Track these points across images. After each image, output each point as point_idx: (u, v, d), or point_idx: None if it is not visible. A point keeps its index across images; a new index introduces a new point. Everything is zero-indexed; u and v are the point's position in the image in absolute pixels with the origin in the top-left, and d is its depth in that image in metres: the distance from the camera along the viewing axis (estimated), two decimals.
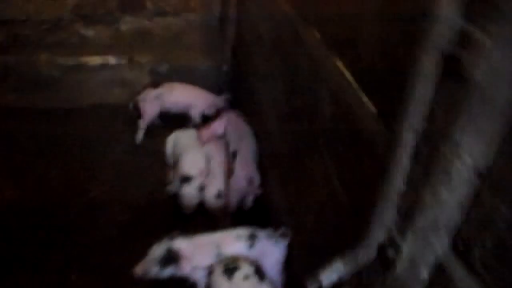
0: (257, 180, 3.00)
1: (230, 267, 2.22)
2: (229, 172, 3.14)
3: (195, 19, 3.95)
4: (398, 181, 1.21)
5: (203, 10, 3.94)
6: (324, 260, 2.04)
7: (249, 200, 3.04)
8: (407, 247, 1.21)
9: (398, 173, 1.20)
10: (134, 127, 3.86)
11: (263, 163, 3.09)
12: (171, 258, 2.29)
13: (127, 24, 3.81)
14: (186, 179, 3.08)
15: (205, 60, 4.07)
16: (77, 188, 3.31)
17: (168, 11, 3.89)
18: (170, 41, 3.97)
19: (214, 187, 3.07)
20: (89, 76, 3.83)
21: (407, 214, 1.20)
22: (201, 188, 3.09)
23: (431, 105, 1.06)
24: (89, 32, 3.74)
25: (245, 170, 3.00)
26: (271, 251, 2.42)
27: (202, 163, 3.20)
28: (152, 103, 3.73)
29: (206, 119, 3.78)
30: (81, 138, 3.72)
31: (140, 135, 3.80)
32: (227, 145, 3.34)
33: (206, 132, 3.46)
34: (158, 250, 2.32)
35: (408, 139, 1.14)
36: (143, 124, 3.80)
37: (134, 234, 3.00)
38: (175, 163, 3.28)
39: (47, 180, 3.34)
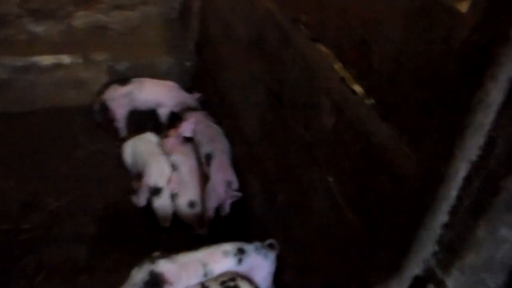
0: (235, 183, 2.84)
1: (229, 286, 2.08)
2: (202, 177, 2.98)
3: (154, 12, 3.71)
4: (441, 212, 1.10)
5: (162, 2, 3.70)
6: (321, 276, 1.95)
7: (227, 205, 2.88)
8: (452, 282, 1.11)
9: (442, 203, 1.09)
10: (92, 131, 3.57)
11: (238, 166, 2.93)
12: (155, 282, 2.11)
13: (81, 19, 3.52)
14: (155, 192, 2.89)
15: (166, 56, 3.83)
16: (34, 201, 3.00)
17: (125, 4, 3.62)
18: (128, 37, 3.70)
19: (185, 197, 2.90)
20: (40, 77, 3.51)
21: (453, 247, 1.10)
22: (173, 196, 2.92)
23: (491, 134, 0.95)
24: (39, 29, 3.41)
25: (222, 174, 2.83)
26: (261, 265, 2.28)
27: (168, 171, 3.00)
28: (122, 101, 3.44)
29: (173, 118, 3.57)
30: (35, 145, 3.39)
31: (123, 131, 3.53)
32: (195, 149, 3.16)
33: (171, 139, 3.24)
34: (139, 274, 2.13)
35: (458, 168, 1.02)
36: (120, 124, 3.52)
37: (102, 249, 2.76)
38: (138, 173, 3.05)
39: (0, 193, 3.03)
